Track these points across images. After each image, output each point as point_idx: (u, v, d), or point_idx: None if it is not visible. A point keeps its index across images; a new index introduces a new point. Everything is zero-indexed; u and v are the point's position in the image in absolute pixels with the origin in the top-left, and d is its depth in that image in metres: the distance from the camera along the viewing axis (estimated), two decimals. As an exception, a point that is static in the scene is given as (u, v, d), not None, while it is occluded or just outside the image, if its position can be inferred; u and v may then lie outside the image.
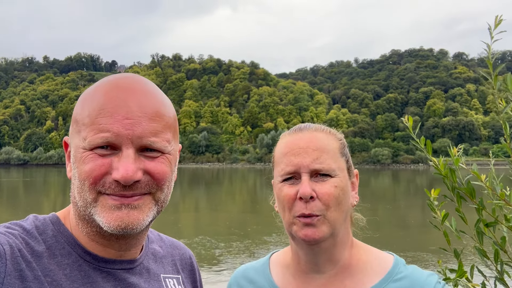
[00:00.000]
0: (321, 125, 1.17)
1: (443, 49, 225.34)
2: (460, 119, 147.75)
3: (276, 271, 1.21)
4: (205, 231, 16.45)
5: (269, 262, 1.25)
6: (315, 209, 1.03)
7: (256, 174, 78.85)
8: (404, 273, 1.09)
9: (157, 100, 0.89)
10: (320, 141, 1.09)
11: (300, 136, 1.11)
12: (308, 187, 1.03)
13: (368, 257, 1.14)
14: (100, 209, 0.84)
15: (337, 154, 1.10)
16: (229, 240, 14.36)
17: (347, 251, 1.12)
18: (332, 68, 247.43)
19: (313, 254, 1.09)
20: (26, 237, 0.84)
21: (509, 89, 1.42)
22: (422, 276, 1.08)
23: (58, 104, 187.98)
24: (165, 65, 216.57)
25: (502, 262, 1.44)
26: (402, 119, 1.64)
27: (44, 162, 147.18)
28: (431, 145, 1.54)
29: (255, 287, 1.20)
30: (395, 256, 1.14)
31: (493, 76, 1.47)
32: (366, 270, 1.10)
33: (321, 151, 1.07)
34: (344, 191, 1.08)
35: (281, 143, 1.15)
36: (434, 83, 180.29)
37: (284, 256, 1.23)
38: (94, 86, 0.90)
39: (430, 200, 1.50)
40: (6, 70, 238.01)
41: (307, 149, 1.07)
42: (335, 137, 1.14)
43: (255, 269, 1.25)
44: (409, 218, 20.24)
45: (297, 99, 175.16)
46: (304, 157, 1.06)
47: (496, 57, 1.32)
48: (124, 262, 0.93)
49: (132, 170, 0.82)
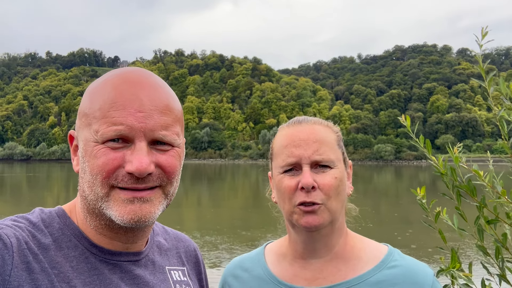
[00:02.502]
0: (318, 118, 1.19)
1: (447, 45, 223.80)
2: (463, 115, 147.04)
3: (272, 259, 1.23)
4: (207, 226, 16.47)
5: (264, 252, 1.27)
6: (317, 198, 1.06)
7: (258, 170, 78.81)
8: (398, 261, 1.10)
9: (166, 93, 0.90)
10: (319, 133, 1.12)
11: (300, 128, 1.13)
12: (310, 178, 1.06)
13: (363, 245, 1.17)
14: (112, 203, 0.85)
15: (335, 145, 1.13)
16: (231, 235, 14.37)
17: (342, 238, 1.15)
18: (335, 64, 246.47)
19: (312, 240, 1.12)
20: (33, 230, 0.85)
21: (502, 93, 1.46)
22: (417, 265, 1.10)
23: (61, 100, 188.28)
24: (167, 61, 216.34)
25: (503, 259, 1.43)
26: (399, 118, 1.66)
27: (47, 157, 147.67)
28: (430, 144, 1.55)
29: (250, 275, 1.22)
30: (389, 246, 1.17)
31: (487, 83, 1.51)
32: (361, 257, 1.13)
33: (321, 143, 1.10)
34: (342, 182, 1.11)
35: (281, 135, 1.16)
36: (438, 79, 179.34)
37: (280, 246, 1.25)
38: (102, 80, 0.90)
39: (420, 200, 1.49)
40: (9, 65, 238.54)
41: (307, 140, 1.09)
42: (332, 129, 1.17)
43: (250, 259, 1.27)
44: (410, 214, 20.20)
45: (300, 95, 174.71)
46: (305, 149, 1.08)
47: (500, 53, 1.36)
48: (130, 254, 0.95)
49: (146, 162, 0.82)
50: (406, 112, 31.94)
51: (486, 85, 1.50)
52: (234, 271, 1.26)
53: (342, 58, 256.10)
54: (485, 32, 1.50)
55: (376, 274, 1.09)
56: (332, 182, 1.07)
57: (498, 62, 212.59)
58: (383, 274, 1.08)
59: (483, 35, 1.50)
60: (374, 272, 1.09)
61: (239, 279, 1.23)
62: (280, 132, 1.19)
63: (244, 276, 1.23)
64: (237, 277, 1.24)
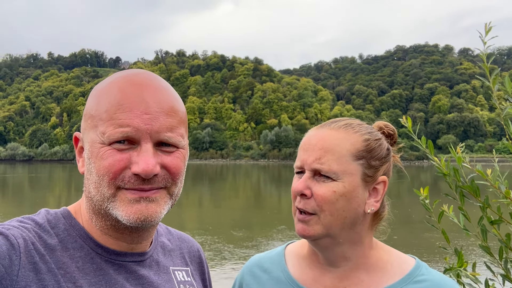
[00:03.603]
0: (350, 122, 1.11)
1: (449, 45, 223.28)
2: (465, 115, 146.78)
3: (292, 262, 1.19)
4: (208, 226, 16.48)
5: (285, 253, 1.23)
6: (307, 207, 1.03)
7: (259, 171, 78.86)
8: (426, 276, 1.06)
9: (171, 95, 0.91)
10: (330, 140, 1.05)
11: (317, 132, 1.10)
12: (302, 184, 1.03)
13: (389, 257, 1.12)
14: (119, 204, 0.86)
15: (348, 157, 1.04)
16: (233, 236, 14.38)
17: (361, 251, 1.09)
18: (336, 64, 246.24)
19: (317, 249, 1.10)
20: (39, 231, 0.86)
21: (508, 92, 1.43)
22: (444, 280, 1.05)
23: (63, 100, 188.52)
24: (169, 61, 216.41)
25: (507, 259, 1.42)
26: (400, 120, 1.64)
27: (49, 158, 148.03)
28: (432, 145, 1.54)
29: (270, 277, 1.18)
30: (417, 259, 1.12)
31: (491, 82, 1.48)
32: (386, 269, 1.09)
33: (326, 151, 1.04)
34: (347, 198, 1.03)
35: (304, 136, 1.14)
36: (439, 79, 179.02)
37: (301, 248, 1.21)
38: (108, 82, 0.91)
39: (423, 200, 1.47)
40: (11, 66, 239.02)
41: (314, 147, 1.06)
42: (358, 138, 1.07)
43: (270, 259, 1.23)
44: (413, 214, 20.17)
45: (301, 96, 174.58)
46: (309, 155, 1.06)
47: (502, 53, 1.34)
48: (134, 254, 0.96)
49: (152, 163, 0.84)
50: (407, 112, 31.56)
51: (490, 83, 1.47)
52: (252, 270, 1.23)
53: (343, 58, 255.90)
54: (488, 28, 1.46)
55: (401, 287, 1.05)
56: (326, 194, 1.01)
57: (500, 62, 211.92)
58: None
59: (486, 31, 1.46)
60: (399, 285, 1.05)
61: (257, 279, 1.20)
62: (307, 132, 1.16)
63: (263, 277, 1.19)
64: (256, 277, 1.21)
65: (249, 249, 12.59)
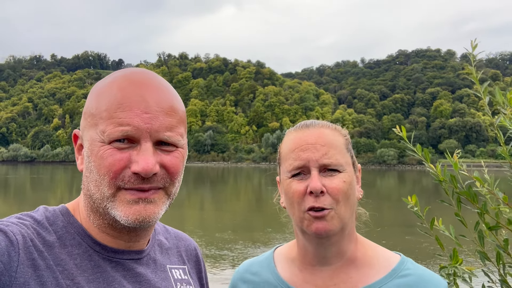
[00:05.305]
0: (326, 122, 1.18)
1: (451, 50, 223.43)
2: (467, 120, 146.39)
3: (281, 264, 1.21)
4: (209, 229, 16.50)
5: (273, 256, 1.25)
6: (326, 203, 1.04)
7: (261, 174, 78.80)
8: (411, 270, 1.08)
9: (170, 95, 0.92)
10: (327, 137, 1.10)
11: (308, 132, 1.12)
12: (318, 182, 1.04)
13: (374, 252, 1.14)
14: (118, 204, 0.86)
15: (343, 149, 1.12)
16: (234, 238, 14.39)
17: (353, 245, 1.13)
18: (338, 68, 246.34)
19: (322, 247, 1.10)
20: (37, 228, 0.87)
21: (498, 102, 1.46)
22: (430, 275, 1.07)
23: (65, 102, 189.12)
24: (171, 64, 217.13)
25: (505, 265, 1.42)
26: (394, 130, 1.64)
27: (51, 159, 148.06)
28: (428, 152, 1.55)
29: (260, 279, 1.20)
30: (402, 255, 1.15)
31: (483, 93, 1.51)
32: (373, 264, 1.11)
33: (329, 147, 1.08)
34: (352, 186, 1.09)
35: (288, 140, 1.15)
36: (441, 84, 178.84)
37: (289, 250, 1.23)
38: (107, 81, 0.91)
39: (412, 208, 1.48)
40: (14, 68, 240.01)
41: (315, 144, 1.08)
42: (340, 133, 1.15)
43: (259, 263, 1.25)
44: (412, 219, 20.13)
45: (303, 99, 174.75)
46: (313, 152, 1.07)
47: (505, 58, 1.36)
48: (132, 252, 0.96)
49: (152, 162, 0.84)
50: (409, 117, 31.57)
51: (481, 94, 1.50)
52: (243, 275, 1.25)
53: (345, 62, 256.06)
54: (475, 45, 1.51)
55: (387, 282, 1.07)
56: (340, 186, 1.05)
57: (503, 67, 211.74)
58: (395, 283, 1.06)
59: (473, 47, 1.51)
60: (386, 280, 1.07)
61: (248, 283, 1.21)
62: (287, 136, 1.17)
63: (253, 280, 1.21)
64: (247, 281, 1.22)
65: (250, 252, 12.60)
